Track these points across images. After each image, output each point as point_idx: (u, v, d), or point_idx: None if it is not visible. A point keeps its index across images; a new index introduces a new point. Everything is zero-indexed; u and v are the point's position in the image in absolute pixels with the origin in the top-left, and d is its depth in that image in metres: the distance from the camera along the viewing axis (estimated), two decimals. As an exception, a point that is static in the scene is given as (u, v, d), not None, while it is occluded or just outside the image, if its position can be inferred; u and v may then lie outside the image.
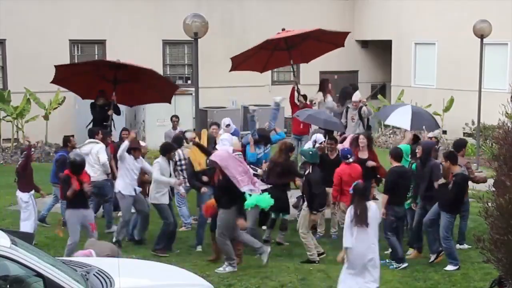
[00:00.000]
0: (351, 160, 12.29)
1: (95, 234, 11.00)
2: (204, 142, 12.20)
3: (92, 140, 13.34)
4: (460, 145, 12.29)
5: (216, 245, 11.04)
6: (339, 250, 11.90)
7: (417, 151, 11.75)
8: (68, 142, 13.35)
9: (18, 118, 21.07)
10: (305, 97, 16.56)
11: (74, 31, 22.87)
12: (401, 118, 13.31)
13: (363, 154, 12.93)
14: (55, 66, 15.21)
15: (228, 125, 14.26)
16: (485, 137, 20.55)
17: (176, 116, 15.83)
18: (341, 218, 12.18)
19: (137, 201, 12.13)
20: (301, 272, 10.75)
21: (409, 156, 12.25)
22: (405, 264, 11.09)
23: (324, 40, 16.94)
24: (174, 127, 15.32)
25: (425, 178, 11.36)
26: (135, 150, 12.12)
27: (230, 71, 17.11)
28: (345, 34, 16.82)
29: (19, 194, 12.13)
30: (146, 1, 24.14)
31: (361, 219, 8.98)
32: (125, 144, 11.98)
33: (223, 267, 10.80)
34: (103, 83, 15.14)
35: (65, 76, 15.33)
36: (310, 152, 11.62)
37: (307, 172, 11.46)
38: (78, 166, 10.88)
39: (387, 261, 11.14)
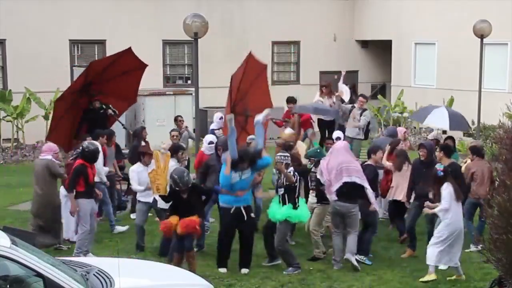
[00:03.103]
0: None
1: (95, 223, 11.34)
2: (158, 163, 10.72)
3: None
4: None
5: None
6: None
7: (420, 153, 11.74)
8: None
9: (18, 118, 21.07)
10: (293, 99, 16.73)
11: (74, 31, 22.88)
12: (438, 119, 13.96)
13: None
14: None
15: (221, 118, 14.58)
16: (485, 137, 20.55)
17: (181, 116, 15.88)
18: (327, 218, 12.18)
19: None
20: (301, 272, 10.75)
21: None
22: None
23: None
24: (179, 127, 15.32)
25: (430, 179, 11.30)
26: (146, 155, 12.04)
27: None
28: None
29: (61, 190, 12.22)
30: (146, 1, 24.15)
31: (459, 195, 10.29)
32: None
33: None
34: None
35: (68, 142, 14.98)
36: (318, 150, 11.85)
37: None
38: (92, 155, 10.96)
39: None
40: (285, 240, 10.97)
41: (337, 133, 13.95)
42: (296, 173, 10.81)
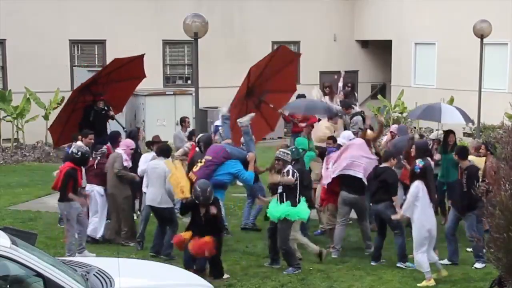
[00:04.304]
0: None
1: (87, 221, 11.43)
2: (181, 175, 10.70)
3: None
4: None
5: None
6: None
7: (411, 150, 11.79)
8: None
9: (18, 118, 21.06)
10: (304, 96, 16.79)
11: (74, 31, 22.88)
12: (453, 116, 14.08)
13: None
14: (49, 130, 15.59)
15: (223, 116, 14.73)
16: (485, 137, 20.55)
17: (188, 118, 15.92)
18: (328, 220, 12.18)
19: None
20: (301, 272, 10.75)
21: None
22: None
23: (281, 63, 14.93)
24: (186, 128, 15.34)
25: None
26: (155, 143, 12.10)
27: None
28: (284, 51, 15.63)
29: (96, 187, 12.27)
30: (146, 1, 24.14)
31: (431, 197, 10.36)
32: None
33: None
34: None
35: (59, 135, 15.13)
36: (293, 149, 12.01)
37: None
38: (83, 158, 10.97)
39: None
40: (287, 240, 10.89)
41: (342, 138, 13.79)
42: (295, 171, 10.84)
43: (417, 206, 10.20)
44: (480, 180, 11.33)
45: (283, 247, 10.84)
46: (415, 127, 24.47)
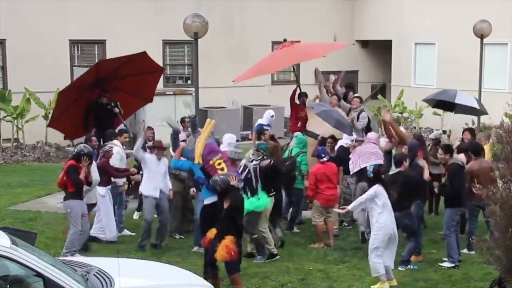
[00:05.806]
0: (325, 159, 12.26)
1: (88, 225, 11.45)
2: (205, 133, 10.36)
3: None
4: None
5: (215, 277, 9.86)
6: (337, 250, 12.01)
7: (403, 150, 11.75)
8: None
9: (18, 118, 21.07)
10: (305, 95, 16.78)
11: (74, 31, 22.87)
12: (468, 100, 14.00)
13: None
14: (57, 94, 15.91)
15: (272, 116, 15.99)
16: (485, 137, 20.54)
17: (186, 118, 15.93)
18: (314, 216, 12.28)
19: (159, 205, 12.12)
20: (301, 272, 10.76)
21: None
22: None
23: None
24: (186, 128, 15.33)
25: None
26: (156, 148, 12.07)
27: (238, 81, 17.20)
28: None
29: (97, 188, 12.26)
30: (146, 1, 24.15)
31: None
32: (139, 142, 12.05)
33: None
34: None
35: (56, 117, 15.25)
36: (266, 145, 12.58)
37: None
38: (77, 155, 11.03)
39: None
40: (255, 226, 11.22)
41: (345, 139, 13.74)
42: (246, 168, 11.04)
43: (375, 210, 10.03)
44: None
45: (251, 232, 11.15)
46: (414, 127, 24.47)
